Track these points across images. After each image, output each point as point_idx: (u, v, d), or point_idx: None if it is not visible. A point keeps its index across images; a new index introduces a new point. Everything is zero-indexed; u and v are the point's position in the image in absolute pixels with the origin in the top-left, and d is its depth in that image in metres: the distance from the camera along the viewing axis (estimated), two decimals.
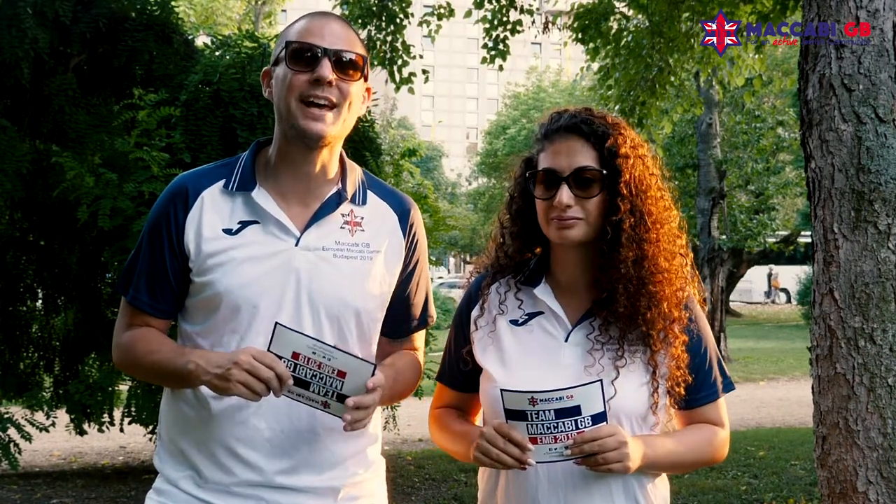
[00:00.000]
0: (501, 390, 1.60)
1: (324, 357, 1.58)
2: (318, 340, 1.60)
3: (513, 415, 1.60)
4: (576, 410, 1.58)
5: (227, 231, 1.71)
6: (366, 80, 1.75)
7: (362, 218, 1.78)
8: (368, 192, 1.83)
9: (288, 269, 1.70)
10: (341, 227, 1.76)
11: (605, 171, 1.69)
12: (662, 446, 1.71)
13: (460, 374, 1.85)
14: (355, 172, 1.83)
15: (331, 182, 1.77)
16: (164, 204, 1.75)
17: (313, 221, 1.73)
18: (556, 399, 1.57)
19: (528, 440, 1.59)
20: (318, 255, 1.72)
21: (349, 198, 1.77)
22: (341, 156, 1.81)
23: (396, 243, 1.82)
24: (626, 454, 1.59)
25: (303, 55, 1.67)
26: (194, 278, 1.72)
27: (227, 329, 1.70)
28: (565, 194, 1.67)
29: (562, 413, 1.58)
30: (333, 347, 1.60)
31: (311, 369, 1.58)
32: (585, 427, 1.58)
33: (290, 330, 1.59)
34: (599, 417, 1.59)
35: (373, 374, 1.60)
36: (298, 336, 1.59)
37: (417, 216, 1.88)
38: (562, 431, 1.58)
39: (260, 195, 1.72)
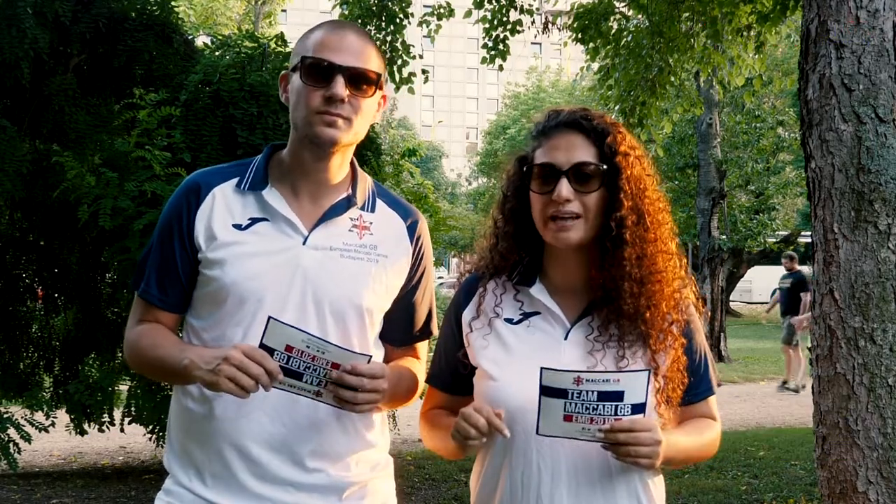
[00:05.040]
0: (542, 368, 1.58)
1: (318, 350, 1.59)
2: (311, 335, 1.60)
3: (550, 392, 1.59)
4: (618, 396, 1.58)
5: (237, 226, 1.74)
6: (381, 89, 1.78)
7: (371, 223, 1.82)
8: (378, 200, 1.86)
9: (295, 266, 1.72)
10: (349, 230, 1.79)
11: (605, 167, 1.69)
12: (677, 443, 1.71)
13: (451, 376, 1.84)
14: (366, 182, 1.86)
15: (341, 188, 1.81)
16: (178, 200, 1.79)
17: (322, 221, 1.76)
18: (603, 381, 1.58)
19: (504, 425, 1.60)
20: (325, 254, 1.75)
21: (359, 204, 1.81)
22: (353, 164, 1.85)
23: (403, 252, 1.85)
24: (657, 453, 1.59)
25: (317, 71, 1.69)
26: (203, 270, 1.75)
27: (231, 322, 1.71)
28: (565, 188, 1.66)
29: (605, 396, 1.58)
30: (327, 342, 1.61)
31: (304, 361, 1.59)
32: (624, 415, 1.59)
33: (283, 324, 1.60)
34: (639, 408, 1.60)
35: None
36: (292, 330, 1.60)
37: (425, 228, 1.92)
38: (599, 414, 1.58)
39: (271, 194, 1.76)
